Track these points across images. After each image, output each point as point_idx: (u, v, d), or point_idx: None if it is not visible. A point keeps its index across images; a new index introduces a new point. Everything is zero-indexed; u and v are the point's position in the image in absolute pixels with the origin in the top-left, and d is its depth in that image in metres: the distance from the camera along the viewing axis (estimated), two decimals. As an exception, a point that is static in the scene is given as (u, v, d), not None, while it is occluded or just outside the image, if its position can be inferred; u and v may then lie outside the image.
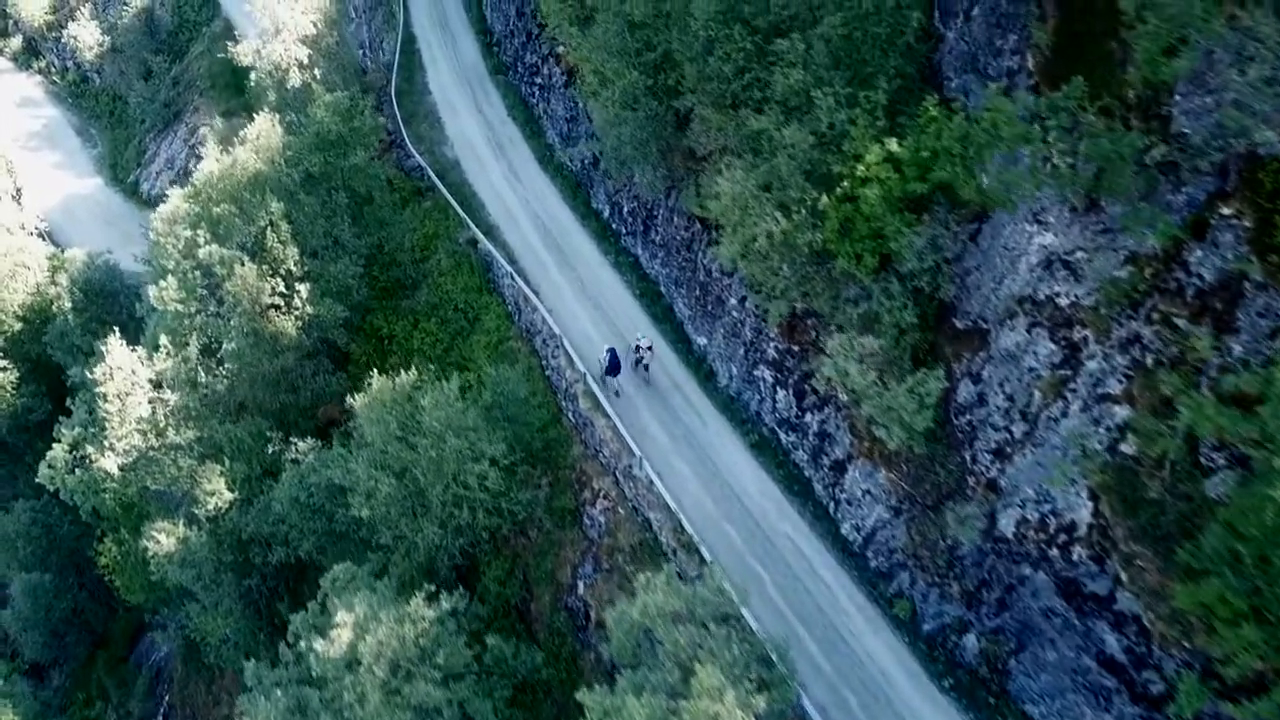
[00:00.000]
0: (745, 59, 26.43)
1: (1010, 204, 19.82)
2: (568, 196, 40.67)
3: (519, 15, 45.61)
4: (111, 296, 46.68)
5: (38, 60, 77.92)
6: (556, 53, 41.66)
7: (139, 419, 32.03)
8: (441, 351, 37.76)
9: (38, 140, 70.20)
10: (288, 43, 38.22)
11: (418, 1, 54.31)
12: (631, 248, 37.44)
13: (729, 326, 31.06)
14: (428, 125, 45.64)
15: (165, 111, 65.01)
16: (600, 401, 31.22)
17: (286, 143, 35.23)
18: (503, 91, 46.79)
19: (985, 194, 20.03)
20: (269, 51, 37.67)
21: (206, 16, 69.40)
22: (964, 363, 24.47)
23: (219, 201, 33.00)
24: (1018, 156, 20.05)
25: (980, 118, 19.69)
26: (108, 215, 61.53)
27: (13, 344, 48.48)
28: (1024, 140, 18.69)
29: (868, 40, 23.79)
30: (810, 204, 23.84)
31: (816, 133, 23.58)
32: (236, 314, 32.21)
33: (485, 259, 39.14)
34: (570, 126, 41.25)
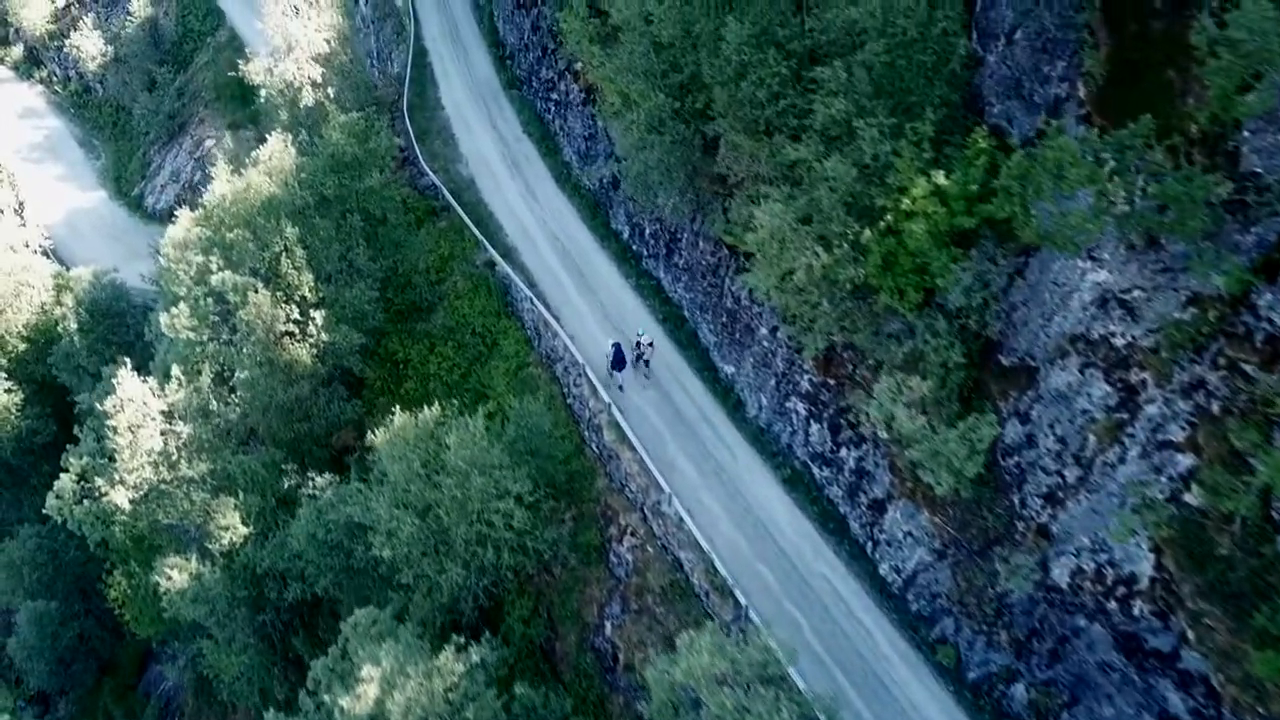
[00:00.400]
0: (780, 84, 25.65)
1: (1072, 246, 19.01)
2: (586, 216, 39.89)
3: (534, 29, 44.83)
4: (118, 317, 45.91)
5: (39, 70, 77.15)
6: (574, 69, 40.89)
7: (150, 451, 31.23)
8: (459, 377, 36.98)
9: (40, 152, 69.43)
10: (300, 61, 37.46)
11: (428, 13, 53.58)
12: (653, 270, 36.65)
13: (759, 356, 30.27)
14: (441, 142, 44.84)
15: (169, 123, 64.25)
16: (626, 433, 30.43)
17: (300, 164, 34.45)
18: (517, 107, 46.01)
19: (1046, 236, 19.21)
20: (281, 70, 36.91)
21: (211, 26, 68.66)
22: (1010, 401, 23.67)
23: (231, 226, 32.22)
24: (1078, 195, 19.25)
25: (1041, 156, 18.86)
26: (112, 230, 60.76)
27: (17, 365, 47.71)
28: (1089, 181, 17.87)
29: (911, 68, 22.99)
30: (852, 238, 23.05)
31: (859, 164, 22.77)
32: (250, 342, 31.43)
33: (503, 282, 38.34)
34: (588, 145, 40.47)
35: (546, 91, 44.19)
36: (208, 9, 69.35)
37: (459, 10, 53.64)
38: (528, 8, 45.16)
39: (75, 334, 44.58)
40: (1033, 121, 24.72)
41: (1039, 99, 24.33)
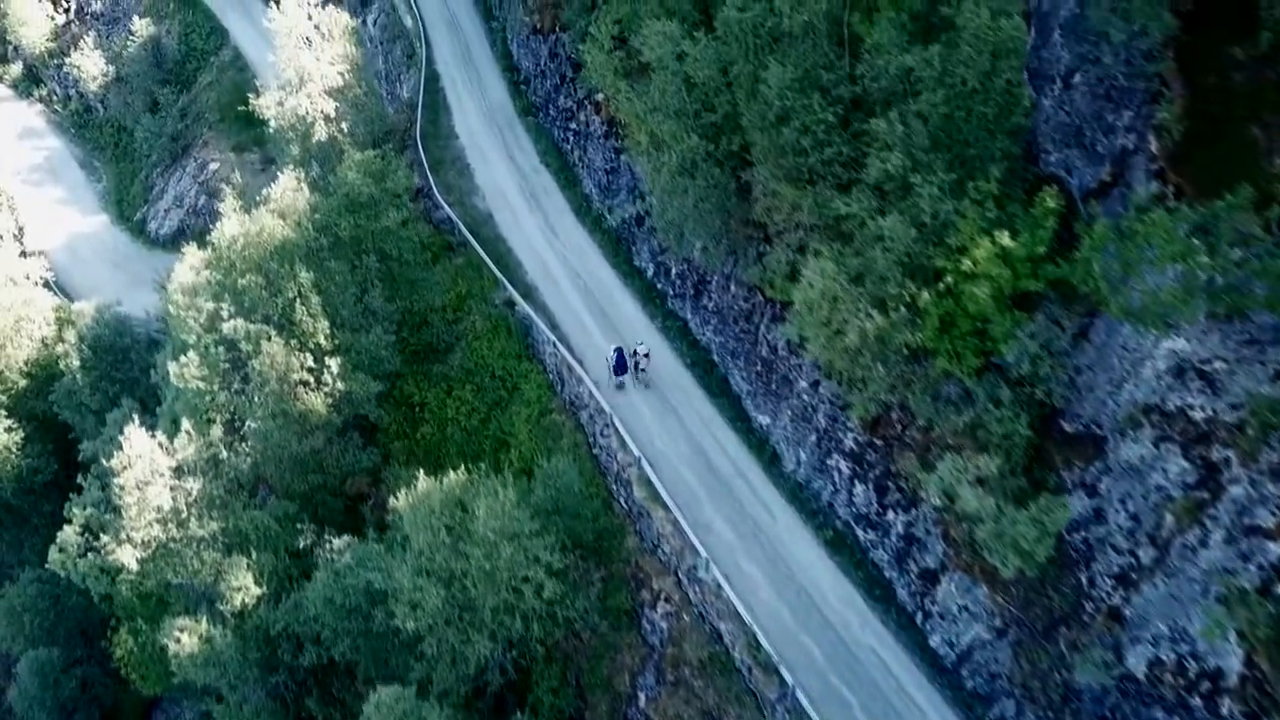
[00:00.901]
0: (825, 132, 24.45)
1: (1161, 326, 17.77)
2: (608, 253, 38.67)
3: (551, 57, 43.64)
4: (121, 353, 44.64)
5: (39, 88, 75.88)
6: (594, 99, 39.68)
7: (159, 509, 29.96)
8: (478, 423, 35.72)
9: (40, 174, 68.18)
10: (314, 95, 36.22)
11: (439, 35, 52.41)
12: (679, 311, 35.42)
13: (798, 410, 29.02)
14: (456, 173, 43.62)
15: (172, 145, 63.04)
16: (658, 490, 29.16)
17: (314, 204, 33.25)
18: (534, 136, 44.80)
19: (1133, 314, 17.96)
20: (293, 105, 35.66)
21: (215, 45, 67.49)
22: (1075, 472, 22.43)
23: (243, 271, 30.98)
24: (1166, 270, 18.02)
25: (1130, 230, 17.62)
26: (114, 256, 59.50)
27: (17, 401, 46.39)
28: (1181, 258, 16.64)
29: (971, 120, 21.78)
30: (909, 299, 21.82)
31: (916, 222, 21.54)
32: (263, 393, 30.18)
33: (524, 323, 37.10)
34: (610, 178, 39.25)
35: (565, 121, 42.99)
36: (211, 28, 68.21)
37: (471, 32, 52.48)
38: (544, 34, 44.00)
39: (78, 371, 43.30)
40: (1095, 172, 23.54)
41: (1102, 149, 23.15)
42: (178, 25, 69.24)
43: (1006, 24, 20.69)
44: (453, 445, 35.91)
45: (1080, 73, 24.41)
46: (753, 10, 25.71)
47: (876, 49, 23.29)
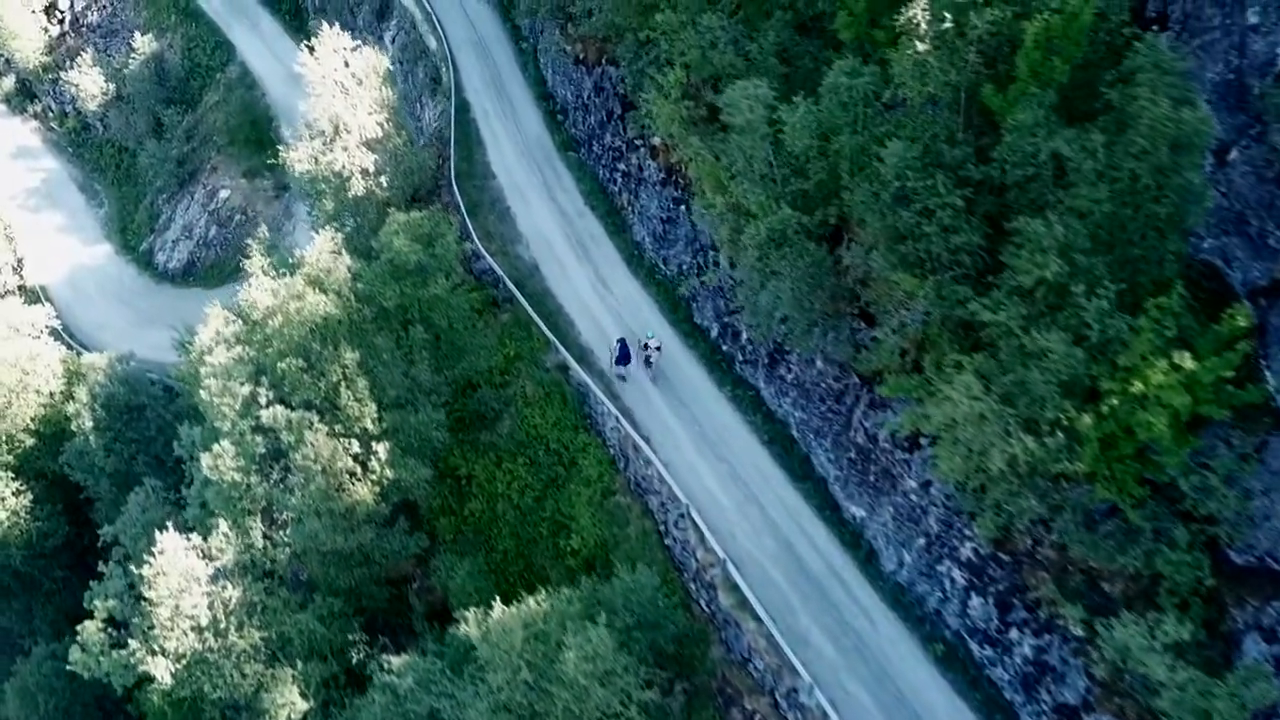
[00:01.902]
0: (952, 218, 21.82)
1: None
2: (666, 309, 36.03)
3: (597, 91, 40.81)
4: (136, 410, 41.95)
5: (33, 104, 72.71)
6: (649, 142, 36.92)
7: (194, 618, 27.41)
8: (533, 501, 33.18)
9: (37, 198, 65.17)
10: (351, 148, 33.39)
11: (466, 59, 49.49)
12: (750, 378, 32.85)
13: (903, 508, 26.51)
14: (496, 218, 40.86)
15: (179, 170, 60.06)
16: (747, 597, 26.67)
17: (355, 271, 30.54)
18: (576, 174, 42.04)
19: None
20: (329, 160, 32.82)
21: (220, 61, 64.38)
22: (1248, 610, 20.02)
23: (282, 353, 28.29)
24: None
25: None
26: (120, 292, 56.63)
27: (24, 460, 43.77)
28: None
29: (1139, 217, 19.20)
30: (1067, 424, 19.29)
31: (1079, 337, 18.99)
32: (308, 490, 27.56)
33: (579, 390, 34.49)
34: (667, 228, 36.56)
35: (612, 160, 40.23)
36: (216, 43, 65.07)
37: (500, 56, 49.55)
38: (589, 66, 41.16)
39: (90, 433, 40.62)
40: (1265, 268, 21.05)
41: (1275, 243, 20.67)
42: (180, 40, 66.11)
43: (1190, 114, 18.09)
44: (505, 525, 33.40)
45: (1238, 147, 21.93)
46: (864, 78, 23.03)
47: (1017, 129, 20.65)
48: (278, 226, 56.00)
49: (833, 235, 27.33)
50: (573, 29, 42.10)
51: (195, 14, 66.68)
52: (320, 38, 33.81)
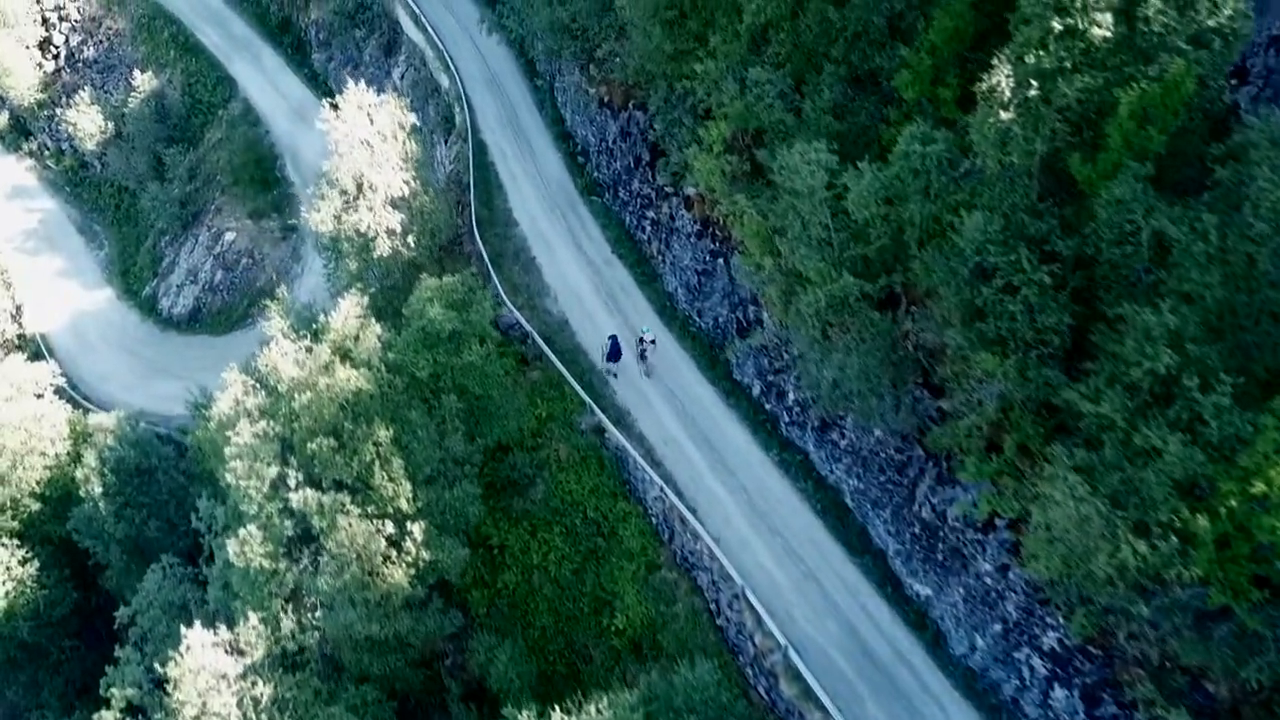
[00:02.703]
0: (1039, 296, 20.54)
1: None
2: (703, 364, 34.69)
3: (623, 136, 39.52)
4: (147, 474, 40.37)
5: (28, 141, 71.08)
6: (684, 193, 35.61)
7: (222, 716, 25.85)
8: (571, 574, 31.74)
9: (35, 241, 63.53)
10: (377, 208, 31.97)
11: (480, 96, 48.21)
12: (799, 441, 31.48)
13: (976, 591, 25.12)
14: (521, 268, 39.48)
15: (182, 212, 58.50)
16: (814, 688, 25.24)
17: (385, 341, 29.12)
18: (601, 220, 40.72)
19: None
20: (353, 220, 31.42)
21: (222, 97, 62.89)
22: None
23: (311, 432, 26.83)
24: None
25: None
26: (122, 339, 54.98)
27: (29, 525, 42.11)
28: None
29: (1254, 304, 17.93)
30: (1180, 525, 17.97)
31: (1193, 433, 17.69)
32: (343, 578, 26.07)
33: (617, 454, 33.08)
34: (702, 280, 35.23)
35: (640, 207, 38.92)
36: (217, 78, 63.58)
37: (516, 94, 48.28)
38: (614, 110, 39.86)
39: (100, 499, 39.01)
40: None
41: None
42: (180, 75, 64.62)
43: (1314, 197, 16.85)
44: (542, 600, 31.92)
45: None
46: (937, 145, 21.76)
47: (1112, 204, 19.39)
48: (286, 270, 54.61)
49: (890, 298, 26.09)
50: (595, 70, 40.85)
51: (195, 49, 65.21)
52: (345, 95, 32.39)
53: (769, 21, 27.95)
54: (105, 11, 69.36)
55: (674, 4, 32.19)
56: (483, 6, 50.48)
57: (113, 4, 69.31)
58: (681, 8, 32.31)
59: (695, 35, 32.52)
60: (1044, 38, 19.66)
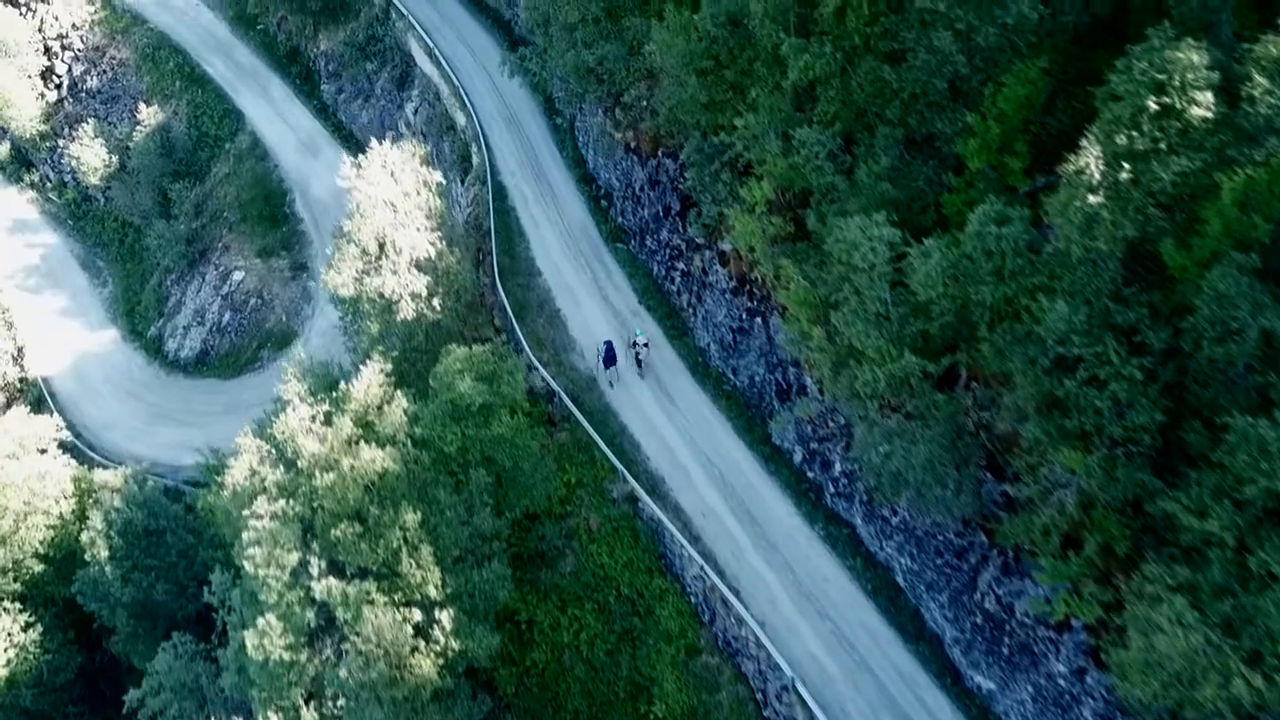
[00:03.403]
0: (1129, 391, 19.07)
1: None
2: (739, 426, 33.21)
3: (652, 184, 38.12)
4: (155, 536, 38.89)
5: (29, 172, 69.85)
6: (718, 248, 34.18)
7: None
8: (605, 655, 30.23)
9: (37, 278, 62.25)
10: (402, 271, 30.54)
11: (499, 137, 46.89)
12: (845, 513, 30.00)
13: (1048, 692, 23.57)
14: (545, 321, 38.04)
15: (188, 250, 57.13)
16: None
17: (411, 414, 27.68)
18: (628, 269, 39.27)
19: None
20: (376, 284, 29.97)
21: (229, 130, 61.68)
22: None
23: (335, 515, 25.37)
24: None
25: None
26: (128, 383, 53.57)
27: (32, 586, 40.67)
28: None
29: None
30: (1298, 657, 16.47)
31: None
32: (369, 675, 24.56)
33: (652, 525, 31.59)
34: (738, 338, 33.78)
35: (670, 258, 37.49)
36: (224, 110, 62.40)
37: (535, 133, 46.95)
38: (643, 157, 38.49)
39: (106, 563, 37.52)
40: None
41: None
42: (185, 107, 63.42)
43: None
44: (574, 682, 30.40)
45: None
46: (1014, 226, 20.34)
47: (1213, 299, 17.95)
48: (296, 311, 53.30)
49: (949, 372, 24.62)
50: (622, 114, 39.48)
51: (201, 80, 64.06)
52: (369, 155, 30.86)
53: (816, 78, 26.56)
54: (109, 41, 68.21)
55: (710, 53, 30.85)
56: (503, 48, 49.13)
57: (117, 33, 68.21)
58: (718, 57, 30.98)
59: (732, 84, 31.24)
60: (1136, 116, 18.25)
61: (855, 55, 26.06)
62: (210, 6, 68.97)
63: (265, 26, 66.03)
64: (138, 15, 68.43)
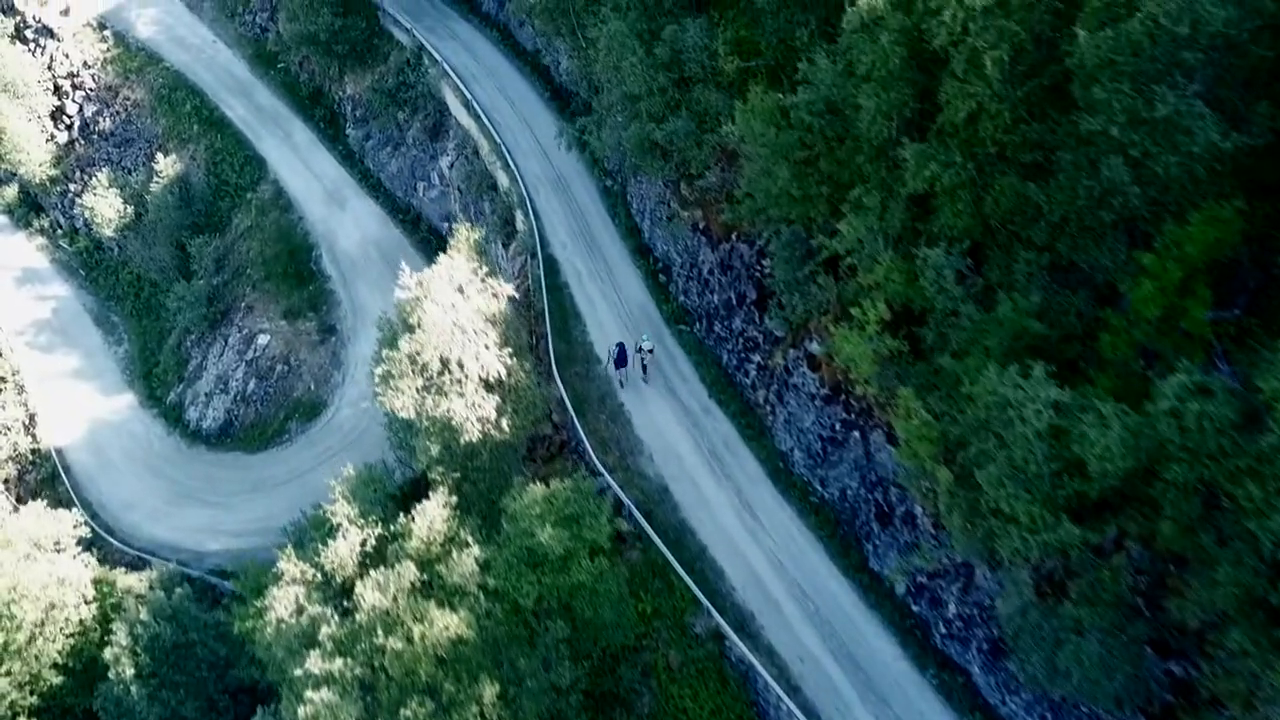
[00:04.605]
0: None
1: None
2: (832, 548, 30.46)
3: (724, 269, 35.32)
4: (184, 648, 36.10)
5: (39, 217, 67.14)
6: (807, 349, 31.34)
7: None
8: (696, 819, 27.38)
9: (48, 334, 59.51)
10: (469, 394, 27.67)
11: (547, 203, 44.14)
12: (958, 657, 27.17)
13: None
14: (608, 417, 35.22)
15: (209, 311, 54.36)
16: None
17: (483, 560, 24.89)
18: (694, 357, 36.49)
19: None
20: (441, 407, 27.06)
21: (250, 179, 58.92)
22: None
23: (404, 688, 22.58)
24: None
25: None
26: (147, 456, 50.77)
27: (50, 698, 37.89)
28: None
29: None
30: None
31: None
32: None
33: (741, 666, 28.76)
34: (832, 449, 30.92)
35: (744, 349, 34.67)
36: (245, 157, 59.66)
37: (583, 197, 44.19)
38: (713, 239, 35.67)
39: (131, 681, 34.77)
40: None
41: None
42: (204, 153, 60.71)
43: None
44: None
45: None
46: (1219, 407, 17.48)
47: None
48: (325, 378, 50.59)
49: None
50: (688, 190, 36.67)
51: (220, 123, 61.34)
52: (435, 268, 27.78)
53: (941, 189, 23.74)
54: (122, 80, 65.53)
55: (809, 144, 28.04)
56: (546, 100, 46.48)
57: (130, 72, 65.55)
58: (813, 147, 28.17)
59: (828, 176, 28.44)
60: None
61: (989, 165, 23.25)
62: (229, 44, 66.37)
63: (286, 65, 63.40)
64: (153, 53, 65.77)
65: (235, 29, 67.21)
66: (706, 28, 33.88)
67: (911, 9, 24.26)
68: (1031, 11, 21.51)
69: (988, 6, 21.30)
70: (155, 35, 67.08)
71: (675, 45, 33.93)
